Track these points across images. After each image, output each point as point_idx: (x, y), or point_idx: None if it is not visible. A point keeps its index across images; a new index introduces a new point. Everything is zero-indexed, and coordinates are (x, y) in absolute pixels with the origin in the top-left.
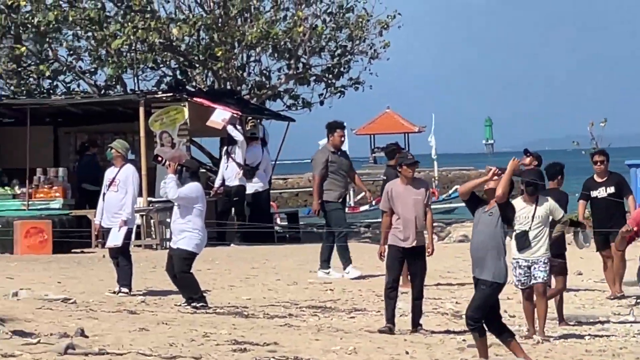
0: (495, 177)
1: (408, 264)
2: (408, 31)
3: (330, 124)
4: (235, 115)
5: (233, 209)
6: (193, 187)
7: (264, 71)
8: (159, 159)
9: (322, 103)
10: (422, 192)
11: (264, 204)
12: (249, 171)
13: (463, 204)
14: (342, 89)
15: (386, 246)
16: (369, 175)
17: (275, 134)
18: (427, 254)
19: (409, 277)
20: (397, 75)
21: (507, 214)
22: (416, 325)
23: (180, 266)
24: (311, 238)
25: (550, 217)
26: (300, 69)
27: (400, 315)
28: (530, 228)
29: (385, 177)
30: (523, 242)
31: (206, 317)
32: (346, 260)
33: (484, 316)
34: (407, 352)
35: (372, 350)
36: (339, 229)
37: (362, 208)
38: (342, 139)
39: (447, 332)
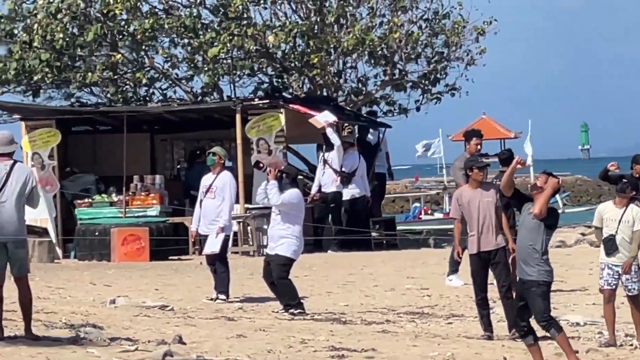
0: (519, 166)
1: (490, 267)
2: (505, 37)
3: (468, 132)
4: (334, 122)
5: (330, 216)
6: (294, 194)
7: (360, 78)
8: (260, 165)
9: (418, 109)
10: (491, 194)
11: (360, 211)
12: (346, 177)
13: (561, 210)
14: (439, 95)
15: (461, 247)
16: None
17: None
18: (509, 254)
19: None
20: (493, 81)
21: (547, 222)
22: (512, 328)
23: (279, 272)
24: (408, 244)
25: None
26: (397, 75)
27: (498, 321)
28: (616, 232)
29: (499, 183)
30: (610, 246)
31: (304, 324)
32: (454, 270)
33: (550, 312)
34: (505, 358)
35: (470, 356)
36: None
37: None
38: (479, 147)
39: (545, 337)
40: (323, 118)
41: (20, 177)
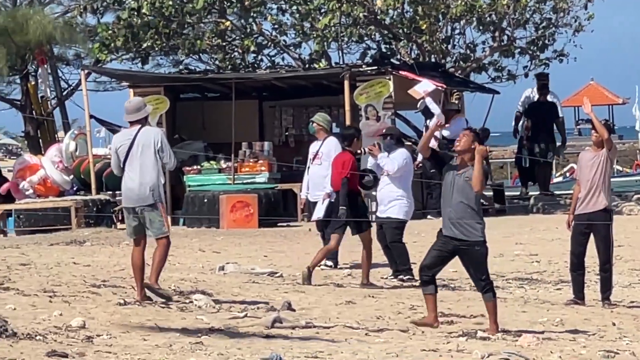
0: (439, 128)
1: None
2: (613, 3)
3: None
4: (440, 88)
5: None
6: (403, 153)
7: (469, 44)
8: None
9: (526, 75)
10: (600, 153)
11: None
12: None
13: None
14: (547, 61)
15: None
16: (573, 147)
17: (480, 106)
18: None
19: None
20: (602, 47)
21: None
22: (602, 300)
23: (392, 236)
24: (517, 210)
25: None
26: (505, 41)
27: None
28: None
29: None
30: None
31: (413, 290)
32: None
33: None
34: (613, 324)
35: (578, 322)
36: None
37: (555, 180)
38: None
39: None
40: (422, 88)
41: (145, 141)
